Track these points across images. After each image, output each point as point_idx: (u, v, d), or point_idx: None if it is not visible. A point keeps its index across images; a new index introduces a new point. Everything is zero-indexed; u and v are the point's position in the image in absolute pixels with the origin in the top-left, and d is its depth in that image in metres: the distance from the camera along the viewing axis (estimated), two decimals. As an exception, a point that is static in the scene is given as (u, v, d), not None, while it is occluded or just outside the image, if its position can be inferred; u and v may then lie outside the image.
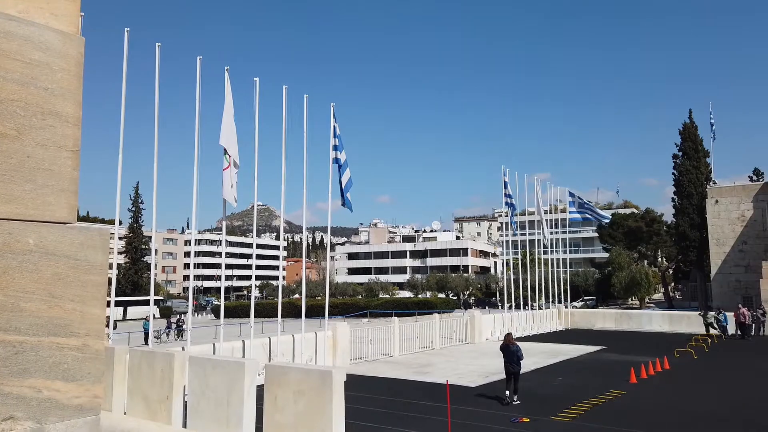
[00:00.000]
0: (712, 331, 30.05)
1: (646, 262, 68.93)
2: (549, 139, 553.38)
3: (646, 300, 65.14)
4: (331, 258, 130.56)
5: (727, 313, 30.92)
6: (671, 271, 70.31)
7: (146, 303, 59.08)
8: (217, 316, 48.52)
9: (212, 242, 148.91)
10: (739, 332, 29.68)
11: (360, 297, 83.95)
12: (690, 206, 55.29)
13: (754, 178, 66.11)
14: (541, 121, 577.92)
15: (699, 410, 13.09)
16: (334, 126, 20.11)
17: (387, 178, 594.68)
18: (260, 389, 7.83)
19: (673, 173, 58.50)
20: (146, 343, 30.66)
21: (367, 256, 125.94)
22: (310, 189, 19.65)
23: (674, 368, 19.22)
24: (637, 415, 12.54)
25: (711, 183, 52.95)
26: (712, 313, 31.39)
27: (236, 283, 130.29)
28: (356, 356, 21.14)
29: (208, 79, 17.90)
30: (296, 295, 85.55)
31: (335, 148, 20.10)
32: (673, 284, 74.17)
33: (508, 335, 15.04)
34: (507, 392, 14.01)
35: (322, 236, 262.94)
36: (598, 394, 14.70)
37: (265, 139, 18.61)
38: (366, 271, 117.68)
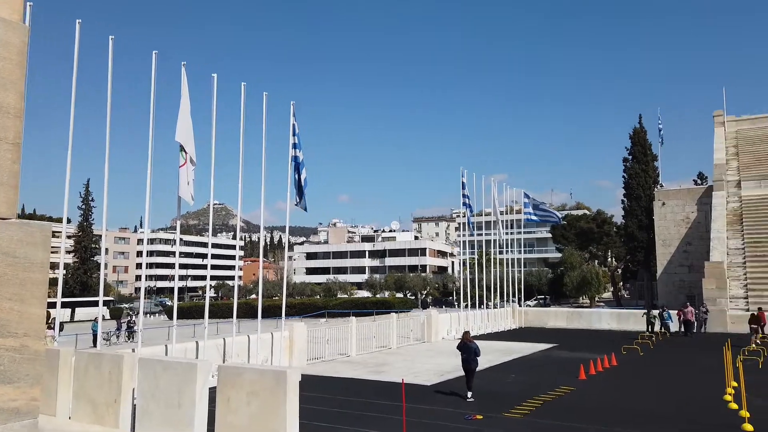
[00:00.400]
0: (656, 328, 31.10)
1: (596, 262, 71.11)
2: (510, 140, 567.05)
3: (596, 299, 67.21)
4: (290, 258, 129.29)
5: (670, 311, 32.23)
6: (620, 271, 72.78)
7: (95, 304, 57.17)
8: (171, 317, 47.32)
9: (166, 241, 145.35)
10: (682, 330, 30.98)
11: (318, 297, 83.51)
12: (638, 208, 57.40)
13: (699, 181, 69.20)
14: (505, 121, 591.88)
15: (644, 406, 13.61)
16: (293, 124, 19.95)
17: (348, 178, 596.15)
18: (213, 391, 7.71)
19: (623, 176, 60.66)
20: (95, 345, 29.66)
21: (325, 255, 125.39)
22: (268, 188, 19.48)
23: (621, 365, 19.91)
24: (586, 410, 12.94)
25: (658, 186, 55.09)
26: (655, 311, 32.46)
27: (191, 284, 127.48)
28: (313, 356, 21.03)
29: (172, 77, 17.47)
30: (253, 296, 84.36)
31: (294, 146, 19.94)
32: (621, 283, 76.77)
33: (466, 333, 15.30)
34: (468, 391, 14.36)
35: (280, 236, 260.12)
36: (549, 390, 15.08)
37: (224, 137, 18.39)
38: (324, 270, 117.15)
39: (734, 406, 12.81)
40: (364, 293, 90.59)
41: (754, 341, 24.78)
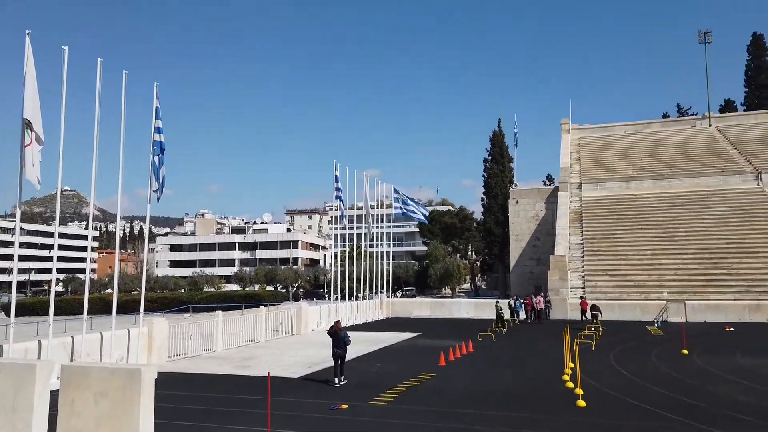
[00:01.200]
0: (507, 317, 33.39)
1: (458, 255, 75.52)
2: (384, 137, 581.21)
3: (457, 289, 71.45)
4: (151, 249, 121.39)
5: (521, 300, 35.26)
6: (479, 263, 78.00)
7: None
8: (9, 314, 42.18)
9: (5, 230, 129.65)
10: (531, 317, 34.05)
11: (183, 291, 79.50)
12: (496, 205, 61.86)
13: (547, 182, 76.23)
14: (379, 118, 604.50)
15: (495, 387, 14.82)
16: (156, 107, 18.76)
17: (220, 167, 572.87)
18: (57, 394, 7.08)
19: (483, 175, 65.02)
20: None
21: (192, 247, 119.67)
22: (127, 174, 18.15)
23: (477, 350, 21.46)
24: (444, 394, 13.80)
25: (513, 185, 59.79)
26: (505, 301, 35.01)
27: (36, 277, 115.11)
28: (175, 353, 20.06)
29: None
30: (108, 290, 78.33)
31: (158, 130, 18.78)
32: (480, 275, 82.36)
33: (337, 322, 15.93)
34: (336, 378, 14.88)
35: (141, 226, 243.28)
36: (411, 377, 15.84)
37: (82, 117, 16.80)
38: (191, 263, 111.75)
39: (571, 384, 14.40)
40: (233, 287, 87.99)
41: (588, 327, 27.97)
